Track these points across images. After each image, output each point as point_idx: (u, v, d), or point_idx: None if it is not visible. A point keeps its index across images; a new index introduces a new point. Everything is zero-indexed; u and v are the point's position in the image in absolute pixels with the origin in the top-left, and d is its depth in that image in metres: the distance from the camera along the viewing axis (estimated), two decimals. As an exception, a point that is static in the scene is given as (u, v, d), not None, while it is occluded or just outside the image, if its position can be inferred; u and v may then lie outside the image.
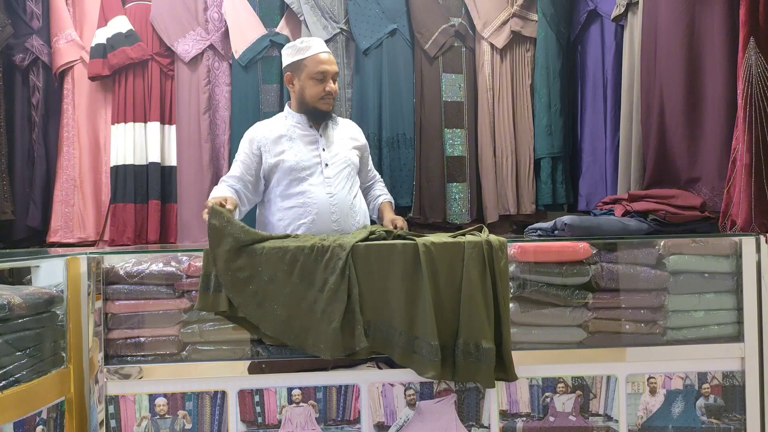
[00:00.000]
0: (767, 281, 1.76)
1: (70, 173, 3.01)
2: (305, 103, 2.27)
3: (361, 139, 2.44)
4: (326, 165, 2.25)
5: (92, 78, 2.98)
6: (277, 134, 2.27)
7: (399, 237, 1.82)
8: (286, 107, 2.36)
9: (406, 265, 1.70)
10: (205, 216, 1.79)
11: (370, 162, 2.53)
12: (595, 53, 2.85)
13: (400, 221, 2.24)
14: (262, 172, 2.26)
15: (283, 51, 2.33)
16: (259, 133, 2.29)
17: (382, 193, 2.48)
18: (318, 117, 2.29)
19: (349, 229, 2.20)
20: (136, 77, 3.01)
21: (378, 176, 2.56)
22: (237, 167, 2.26)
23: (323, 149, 2.27)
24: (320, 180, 2.22)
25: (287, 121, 2.32)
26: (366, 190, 2.49)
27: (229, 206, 1.89)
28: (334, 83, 2.26)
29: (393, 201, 2.50)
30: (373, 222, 2.44)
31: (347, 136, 2.36)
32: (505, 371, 1.70)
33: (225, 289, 1.69)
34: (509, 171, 3.00)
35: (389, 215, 2.33)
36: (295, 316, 1.69)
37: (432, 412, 1.72)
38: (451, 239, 1.76)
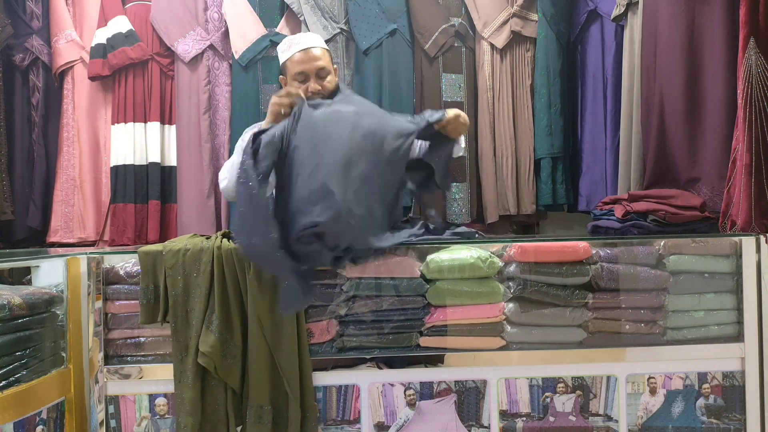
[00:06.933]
0: (767, 281, 1.76)
1: (70, 173, 3.01)
2: None
3: None
4: None
5: (92, 78, 2.98)
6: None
7: None
8: None
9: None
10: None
11: None
12: (595, 53, 2.85)
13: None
14: None
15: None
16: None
17: None
18: None
19: None
20: (136, 77, 3.01)
21: None
22: None
23: None
24: None
25: None
26: None
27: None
28: (321, 79, 2.05)
29: None
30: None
31: None
32: None
33: None
34: (509, 171, 2.99)
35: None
36: None
37: (432, 412, 1.72)
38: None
